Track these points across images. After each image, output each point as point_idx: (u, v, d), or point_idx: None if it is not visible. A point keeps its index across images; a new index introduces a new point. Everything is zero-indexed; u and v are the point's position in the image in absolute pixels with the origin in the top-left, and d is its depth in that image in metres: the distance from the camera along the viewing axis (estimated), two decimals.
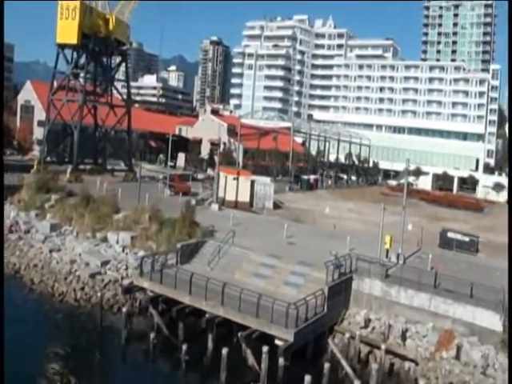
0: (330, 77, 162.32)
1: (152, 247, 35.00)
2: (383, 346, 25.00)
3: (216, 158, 60.94)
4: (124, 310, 27.58)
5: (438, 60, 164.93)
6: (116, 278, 32.57)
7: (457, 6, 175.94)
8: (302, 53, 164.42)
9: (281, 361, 22.74)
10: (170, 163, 63.93)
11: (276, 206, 54.77)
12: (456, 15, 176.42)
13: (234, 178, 51.45)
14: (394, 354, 25.51)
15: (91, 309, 29.84)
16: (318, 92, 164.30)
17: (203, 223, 36.90)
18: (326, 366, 22.95)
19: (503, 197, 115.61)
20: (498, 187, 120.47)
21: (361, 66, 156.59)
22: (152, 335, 25.56)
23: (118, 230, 37.65)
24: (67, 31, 59.56)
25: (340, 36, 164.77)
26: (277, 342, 23.01)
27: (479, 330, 26.02)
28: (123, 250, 35.71)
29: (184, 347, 24.11)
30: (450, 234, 42.31)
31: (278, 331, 23.15)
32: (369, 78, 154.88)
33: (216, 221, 39.16)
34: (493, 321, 25.95)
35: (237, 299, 24.36)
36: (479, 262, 38.28)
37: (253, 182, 53.15)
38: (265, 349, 22.36)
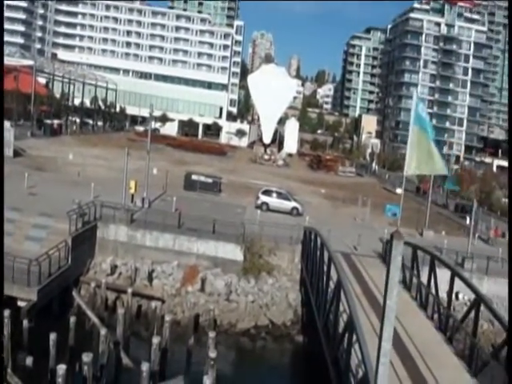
0: (75, 14, 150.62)
1: None
2: (130, 290, 25.22)
3: None
4: None
5: (185, 10, 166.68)
6: None
7: None
8: None
9: (25, 323, 21.20)
10: None
11: (16, 153, 49.92)
12: None
13: None
14: (141, 296, 26.12)
15: None
16: (63, 29, 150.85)
17: None
18: (72, 319, 22.12)
19: (244, 142, 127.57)
20: (239, 133, 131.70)
21: (108, 7, 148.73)
22: None
23: None
24: None
25: None
26: (19, 303, 21.44)
27: (222, 261, 28.44)
28: None
29: None
30: (194, 177, 44.76)
31: (20, 292, 21.54)
32: (116, 20, 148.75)
33: None
34: (234, 252, 28.64)
35: None
36: (221, 201, 41.46)
37: None
38: (6, 313, 20.47)
